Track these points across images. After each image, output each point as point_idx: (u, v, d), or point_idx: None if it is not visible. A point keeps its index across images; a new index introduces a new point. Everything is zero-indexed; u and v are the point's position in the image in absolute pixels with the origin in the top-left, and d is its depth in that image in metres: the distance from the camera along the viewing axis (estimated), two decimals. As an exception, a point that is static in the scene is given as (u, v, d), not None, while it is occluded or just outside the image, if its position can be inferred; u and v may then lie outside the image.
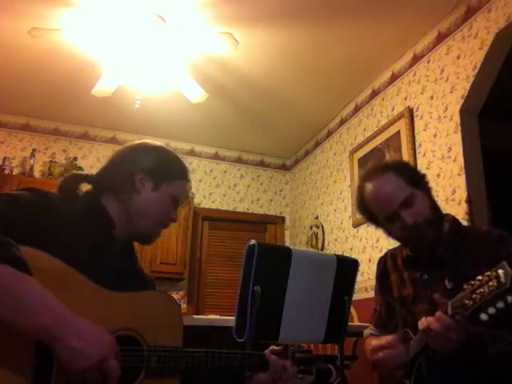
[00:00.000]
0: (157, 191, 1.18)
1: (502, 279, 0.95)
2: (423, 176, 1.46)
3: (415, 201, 1.35)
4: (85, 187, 1.18)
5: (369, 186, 1.41)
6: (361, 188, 1.45)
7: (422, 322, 1.14)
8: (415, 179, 1.41)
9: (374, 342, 1.38)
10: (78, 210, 1.09)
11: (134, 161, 1.19)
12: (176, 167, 1.24)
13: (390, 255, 1.58)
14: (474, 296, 1.01)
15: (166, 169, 1.20)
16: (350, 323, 1.88)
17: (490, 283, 0.97)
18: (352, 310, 3.04)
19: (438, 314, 1.09)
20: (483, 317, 0.98)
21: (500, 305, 0.96)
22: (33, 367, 0.88)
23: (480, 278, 1.01)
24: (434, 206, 1.41)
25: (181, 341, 1.09)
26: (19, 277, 0.85)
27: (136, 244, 1.25)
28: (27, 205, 1.00)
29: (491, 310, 0.97)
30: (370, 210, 1.43)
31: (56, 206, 1.05)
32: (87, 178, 1.19)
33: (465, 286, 1.04)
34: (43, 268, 0.92)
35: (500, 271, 0.96)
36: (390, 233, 1.44)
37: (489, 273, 0.99)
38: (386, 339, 1.33)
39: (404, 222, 1.33)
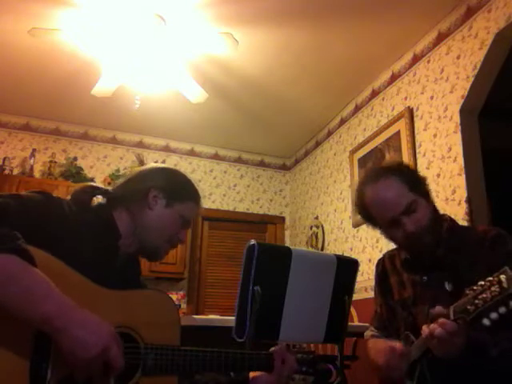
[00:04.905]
0: (168, 209, 1.22)
1: (505, 284, 0.94)
2: (424, 179, 1.44)
3: (417, 208, 1.33)
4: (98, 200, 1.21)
5: (370, 190, 1.38)
6: (362, 190, 1.42)
7: (424, 330, 1.12)
8: (417, 185, 1.38)
9: (379, 346, 1.35)
10: (87, 218, 1.12)
11: (150, 179, 1.24)
12: (189, 189, 1.28)
13: (389, 257, 1.57)
14: (476, 301, 1.00)
15: (179, 189, 1.25)
16: (350, 323, 1.88)
17: (493, 288, 0.97)
18: (352, 310, 3.04)
19: (442, 319, 1.08)
20: (485, 322, 0.97)
21: (502, 310, 0.95)
22: (30, 358, 0.88)
23: (482, 283, 1.00)
24: (434, 210, 1.40)
25: (178, 340, 1.10)
26: (25, 266, 0.87)
27: None
28: (34, 207, 1.02)
29: (493, 316, 0.96)
30: (369, 213, 1.41)
31: (63, 211, 1.07)
32: (102, 191, 1.22)
33: (467, 291, 1.03)
34: (41, 265, 0.92)
35: (502, 276, 0.96)
36: (390, 236, 1.43)
37: (491, 278, 0.98)
38: (390, 347, 1.30)
39: (405, 228, 1.32)
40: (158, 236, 1.21)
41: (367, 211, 1.42)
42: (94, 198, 1.19)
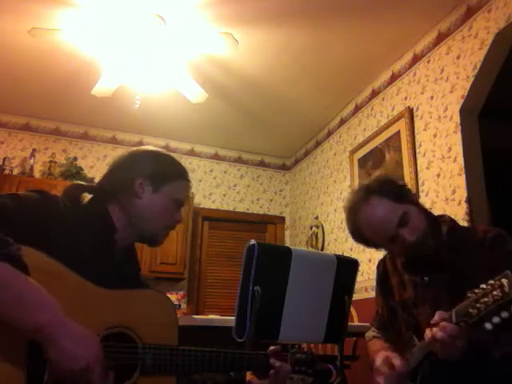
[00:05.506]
0: (157, 194, 1.20)
1: (506, 289, 0.94)
2: (405, 186, 1.44)
3: (410, 217, 1.33)
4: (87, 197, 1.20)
5: (360, 216, 1.38)
6: (352, 219, 1.42)
7: (427, 334, 1.12)
8: (401, 194, 1.38)
9: (379, 360, 1.33)
10: (83, 215, 1.11)
11: (133, 166, 1.21)
12: (174, 169, 1.26)
13: (390, 257, 1.58)
14: (478, 305, 0.99)
15: (164, 171, 1.22)
16: (350, 323, 1.88)
17: (495, 292, 0.96)
18: (352, 310, 3.04)
19: (443, 323, 1.08)
20: (487, 326, 0.97)
21: (504, 314, 0.95)
22: (25, 365, 0.88)
23: (484, 286, 0.99)
24: (427, 213, 1.40)
25: (176, 340, 1.10)
26: (17, 274, 0.86)
27: (136, 244, 1.26)
28: (33, 206, 1.02)
29: (495, 320, 0.96)
30: (368, 238, 1.42)
31: (61, 210, 1.07)
32: (89, 188, 1.21)
33: (468, 294, 1.03)
34: (37, 266, 0.92)
35: (504, 280, 0.95)
36: (393, 251, 1.43)
37: (492, 282, 0.98)
38: (391, 362, 1.28)
39: (405, 240, 1.32)
40: (153, 223, 1.20)
41: (365, 237, 1.42)
42: (84, 194, 1.18)
